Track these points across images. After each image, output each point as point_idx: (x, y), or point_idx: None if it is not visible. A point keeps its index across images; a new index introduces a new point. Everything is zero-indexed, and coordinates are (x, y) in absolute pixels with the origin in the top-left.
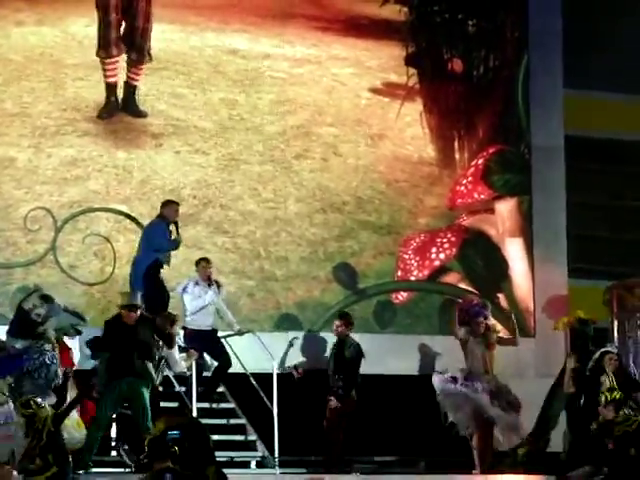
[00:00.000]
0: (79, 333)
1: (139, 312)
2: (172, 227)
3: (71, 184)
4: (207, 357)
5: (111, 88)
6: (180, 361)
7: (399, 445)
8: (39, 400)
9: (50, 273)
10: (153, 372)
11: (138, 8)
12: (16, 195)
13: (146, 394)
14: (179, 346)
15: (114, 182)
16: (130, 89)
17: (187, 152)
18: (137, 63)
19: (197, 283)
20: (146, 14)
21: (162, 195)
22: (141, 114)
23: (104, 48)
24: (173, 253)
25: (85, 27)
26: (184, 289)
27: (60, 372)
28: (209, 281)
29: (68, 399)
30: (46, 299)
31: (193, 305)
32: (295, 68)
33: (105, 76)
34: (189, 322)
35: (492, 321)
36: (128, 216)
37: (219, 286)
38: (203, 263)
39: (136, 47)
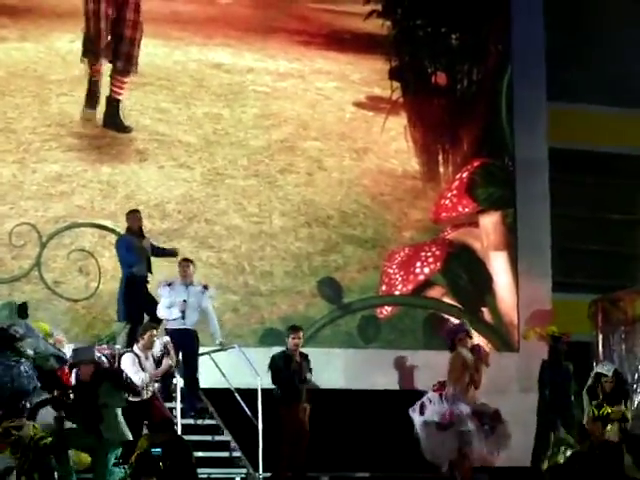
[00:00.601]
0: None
1: (93, 367)
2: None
3: (56, 199)
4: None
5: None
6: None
7: (378, 461)
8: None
9: (35, 289)
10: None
11: (126, 17)
12: (1, 211)
13: (108, 456)
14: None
15: (99, 197)
16: (114, 103)
17: (171, 167)
18: (123, 73)
19: (169, 284)
20: (134, 23)
21: (147, 210)
22: (125, 129)
23: (92, 55)
24: (159, 268)
25: (69, 43)
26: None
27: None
28: (186, 281)
29: None
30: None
31: (161, 312)
32: (278, 82)
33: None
34: (168, 323)
35: (475, 338)
36: (113, 231)
37: (206, 288)
38: (183, 263)
39: (123, 56)
